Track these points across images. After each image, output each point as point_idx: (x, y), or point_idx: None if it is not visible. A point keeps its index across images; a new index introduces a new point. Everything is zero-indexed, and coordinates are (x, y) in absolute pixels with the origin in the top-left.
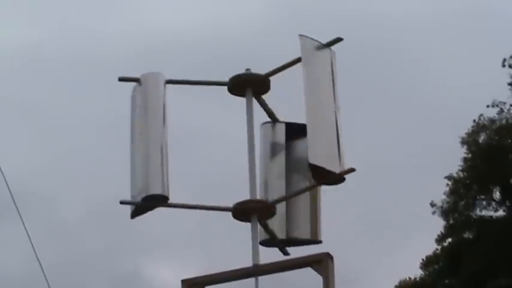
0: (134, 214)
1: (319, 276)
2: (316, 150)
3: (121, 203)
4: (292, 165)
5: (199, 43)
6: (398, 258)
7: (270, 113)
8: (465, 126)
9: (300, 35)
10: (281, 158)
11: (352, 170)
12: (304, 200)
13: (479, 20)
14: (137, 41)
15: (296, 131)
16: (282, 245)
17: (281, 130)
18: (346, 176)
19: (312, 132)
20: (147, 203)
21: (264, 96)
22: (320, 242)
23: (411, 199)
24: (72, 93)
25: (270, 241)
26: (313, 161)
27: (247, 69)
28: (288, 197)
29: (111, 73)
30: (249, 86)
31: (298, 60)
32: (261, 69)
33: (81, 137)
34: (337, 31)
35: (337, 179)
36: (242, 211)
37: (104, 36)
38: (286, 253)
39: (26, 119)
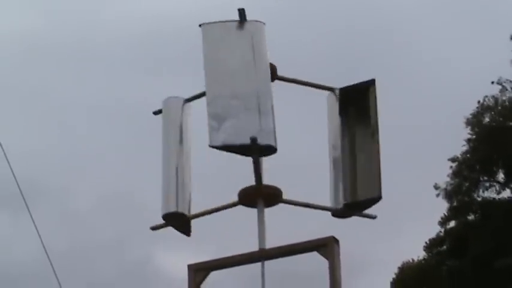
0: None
1: (325, 260)
2: (222, 130)
3: (152, 229)
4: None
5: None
6: (402, 240)
7: None
8: (469, 108)
9: (202, 24)
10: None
11: (270, 146)
12: (365, 158)
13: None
14: (134, 26)
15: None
16: (351, 209)
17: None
18: None
19: (217, 114)
20: (174, 222)
21: None
22: (381, 197)
23: (415, 181)
24: (72, 79)
25: (340, 211)
26: (219, 142)
27: None
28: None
29: (109, 59)
30: None
31: None
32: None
33: (86, 125)
34: (333, 16)
35: (261, 148)
36: (247, 197)
37: (101, 22)
38: (365, 215)
39: (27, 106)
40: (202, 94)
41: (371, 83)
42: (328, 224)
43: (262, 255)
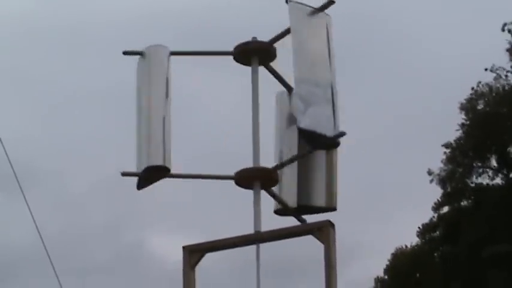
0: (139, 186)
1: (320, 243)
2: (307, 115)
3: (123, 174)
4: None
5: (195, 11)
6: (395, 226)
7: (281, 80)
8: (463, 94)
9: (289, 1)
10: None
11: (342, 133)
12: (318, 166)
13: None
14: (128, 9)
15: None
16: (297, 213)
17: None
18: (344, 145)
19: (303, 96)
20: (148, 174)
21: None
22: (335, 209)
23: (408, 167)
24: (66, 63)
25: (284, 210)
26: (303, 125)
27: (254, 38)
28: (288, 163)
29: (103, 42)
30: (255, 54)
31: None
32: (266, 38)
33: (80, 108)
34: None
35: (330, 143)
36: (244, 178)
37: (94, 4)
38: (302, 221)
39: (19, 89)
40: (188, 53)
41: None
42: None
43: (258, 237)
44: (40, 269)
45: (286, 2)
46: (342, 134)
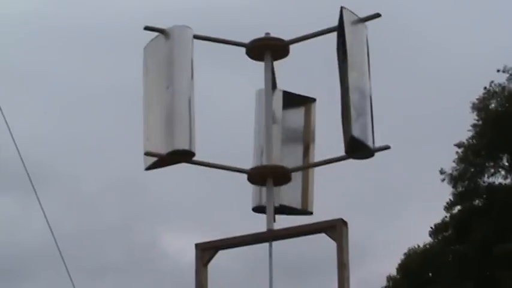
0: (151, 166)
1: (333, 241)
2: (357, 124)
3: (146, 154)
4: (289, 135)
5: (211, 8)
6: (407, 226)
7: (273, 79)
8: (475, 94)
9: (343, 7)
10: (278, 126)
11: (387, 147)
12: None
13: None
14: (138, 8)
15: (293, 101)
16: (276, 212)
17: (278, 98)
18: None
19: (355, 105)
20: (170, 156)
21: (282, 61)
22: (310, 213)
23: (420, 167)
24: (79, 61)
25: (263, 208)
26: (356, 134)
27: (267, 33)
28: (307, 167)
29: (113, 41)
30: (268, 50)
31: (326, 31)
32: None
33: (94, 107)
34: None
35: (369, 154)
36: (258, 175)
37: (104, 3)
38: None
39: (31, 88)
40: (210, 38)
41: (312, 100)
42: (335, 208)
43: (270, 235)
44: (53, 268)
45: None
46: (387, 147)
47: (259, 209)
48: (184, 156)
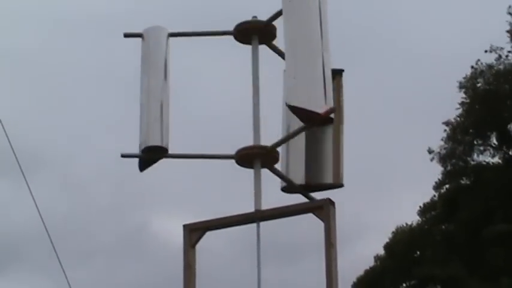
0: (141, 167)
1: (320, 221)
2: (296, 91)
3: (122, 156)
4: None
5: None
6: (396, 204)
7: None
8: (463, 72)
9: None
10: None
11: (333, 110)
12: (325, 144)
13: None
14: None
15: None
16: (304, 190)
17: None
18: (345, 124)
19: (293, 73)
20: (147, 155)
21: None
22: (342, 185)
23: (409, 146)
24: (68, 46)
25: (290, 188)
26: (292, 102)
27: (254, 17)
28: (285, 140)
29: (105, 23)
30: (255, 33)
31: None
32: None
33: (85, 92)
34: None
35: (323, 119)
36: (245, 157)
37: None
38: (310, 198)
39: (23, 74)
40: (188, 34)
41: (338, 72)
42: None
43: (258, 216)
44: (44, 250)
45: None
46: (333, 109)
47: (286, 189)
48: (158, 152)
